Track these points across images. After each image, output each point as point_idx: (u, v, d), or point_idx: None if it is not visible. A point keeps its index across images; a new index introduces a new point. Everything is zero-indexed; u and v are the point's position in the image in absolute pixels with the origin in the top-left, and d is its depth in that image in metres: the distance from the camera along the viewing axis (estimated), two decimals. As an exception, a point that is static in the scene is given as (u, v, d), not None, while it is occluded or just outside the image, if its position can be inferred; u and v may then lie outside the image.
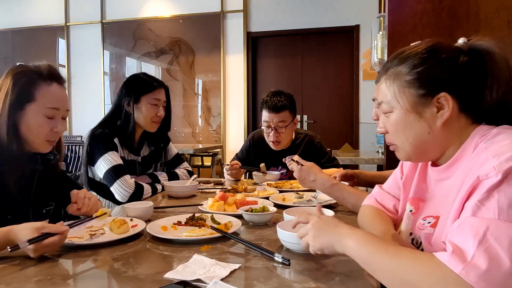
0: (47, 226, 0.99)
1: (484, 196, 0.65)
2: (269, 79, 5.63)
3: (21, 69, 1.23)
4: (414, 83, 0.83)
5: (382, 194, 1.13)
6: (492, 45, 0.81)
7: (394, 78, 0.86)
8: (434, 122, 0.83)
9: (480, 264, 0.60)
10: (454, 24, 2.48)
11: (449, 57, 0.82)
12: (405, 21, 2.52)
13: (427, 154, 0.88)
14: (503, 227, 0.61)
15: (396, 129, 0.88)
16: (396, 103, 0.86)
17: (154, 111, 1.89)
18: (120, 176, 1.73)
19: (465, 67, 0.81)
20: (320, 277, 0.85)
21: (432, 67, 0.82)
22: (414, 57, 0.84)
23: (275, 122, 2.18)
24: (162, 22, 5.84)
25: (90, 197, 1.32)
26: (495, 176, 0.65)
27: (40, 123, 1.21)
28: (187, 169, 2.16)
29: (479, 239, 0.61)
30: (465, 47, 0.84)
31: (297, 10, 5.36)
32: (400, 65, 0.86)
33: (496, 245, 0.60)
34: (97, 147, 1.79)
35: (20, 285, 0.83)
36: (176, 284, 0.82)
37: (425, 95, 0.82)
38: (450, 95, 0.80)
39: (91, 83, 6.04)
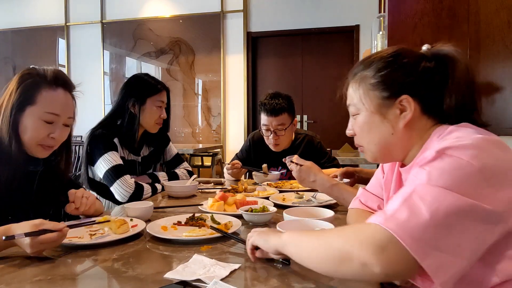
0: (46, 223, 0.98)
1: (417, 170, 0.72)
2: (269, 79, 5.63)
3: (28, 72, 1.23)
4: (378, 86, 0.88)
5: (367, 195, 1.15)
6: (453, 50, 0.86)
7: (360, 82, 0.91)
8: (397, 123, 0.87)
9: (400, 215, 0.65)
10: (454, 24, 2.48)
11: (411, 62, 0.86)
12: (405, 21, 2.52)
13: (391, 154, 0.92)
14: (429, 189, 0.66)
15: (362, 130, 0.93)
16: (361, 105, 0.91)
17: (159, 113, 1.91)
18: (120, 176, 1.73)
19: (427, 72, 0.86)
20: (320, 277, 0.85)
21: (395, 71, 0.86)
22: (379, 61, 0.89)
23: (274, 125, 2.18)
24: (162, 22, 5.85)
25: (88, 196, 1.31)
26: (429, 156, 0.71)
27: (36, 127, 1.20)
28: (187, 169, 2.16)
29: (405, 197, 0.67)
30: (429, 53, 0.88)
31: (297, 10, 5.36)
32: (365, 70, 0.90)
33: (419, 201, 0.65)
34: (97, 147, 1.79)
35: (20, 285, 0.83)
36: (176, 284, 0.82)
37: (388, 97, 0.87)
38: (412, 98, 0.85)
39: (91, 83, 6.04)
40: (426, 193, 0.65)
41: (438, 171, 0.68)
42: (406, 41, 2.53)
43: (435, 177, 0.67)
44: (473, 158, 0.68)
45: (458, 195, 0.64)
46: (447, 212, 0.63)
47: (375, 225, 0.67)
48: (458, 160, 0.68)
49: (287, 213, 1.25)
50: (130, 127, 1.88)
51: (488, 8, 2.44)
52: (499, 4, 2.42)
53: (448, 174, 0.67)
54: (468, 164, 0.67)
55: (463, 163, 0.68)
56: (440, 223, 0.63)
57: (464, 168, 0.67)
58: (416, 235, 0.62)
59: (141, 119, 1.89)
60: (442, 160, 0.69)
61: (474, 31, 2.47)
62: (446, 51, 0.87)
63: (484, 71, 2.48)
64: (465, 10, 2.47)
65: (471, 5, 2.46)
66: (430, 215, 0.63)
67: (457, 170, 0.67)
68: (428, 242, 0.62)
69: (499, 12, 2.43)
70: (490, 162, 0.69)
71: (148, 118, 1.90)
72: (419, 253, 0.62)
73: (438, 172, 0.68)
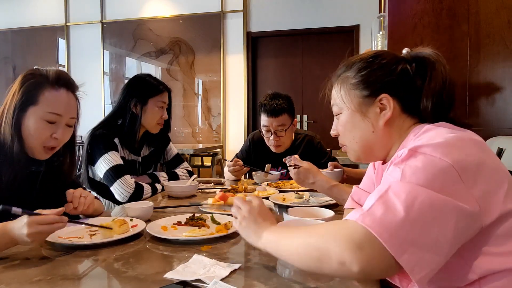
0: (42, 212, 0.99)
1: (392, 169, 0.73)
2: (269, 79, 5.63)
3: (31, 72, 1.23)
4: (358, 85, 0.91)
5: (359, 193, 1.17)
6: (432, 53, 0.89)
7: (342, 82, 0.95)
8: (377, 122, 0.90)
9: (376, 212, 0.66)
10: (454, 24, 2.48)
11: (390, 62, 0.90)
12: (405, 21, 2.52)
13: (373, 153, 0.95)
14: (402, 185, 0.67)
15: (345, 129, 0.96)
16: (343, 105, 0.94)
17: (160, 113, 1.92)
18: (120, 176, 1.73)
19: (405, 73, 0.89)
20: (320, 277, 0.85)
21: (374, 71, 0.90)
22: (359, 62, 0.93)
23: (275, 126, 2.17)
24: (162, 22, 5.85)
25: (86, 195, 1.30)
26: (403, 154, 0.73)
27: (38, 127, 1.21)
28: (187, 169, 2.17)
29: (380, 194, 0.68)
30: (408, 56, 0.92)
31: (297, 10, 5.36)
32: (347, 71, 0.94)
33: (394, 198, 0.66)
34: (97, 147, 1.79)
35: (20, 285, 0.83)
36: (176, 284, 0.82)
37: (368, 96, 0.90)
38: (391, 97, 0.88)
39: (91, 83, 6.04)
40: (400, 190, 0.67)
41: (411, 169, 0.69)
42: (406, 41, 2.53)
43: (409, 174, 0.69)
44: (445, 155, 0.69)
45: (431, 191, 0.66)
46: (422, 208, 0.64)
47: (352, 222, 0.67)
48: (431, 158, 0.70)
49: (287, 213, 1.25)
50: (131, 127, 1.88)
51: (488, 8, 2.44)
52: (499, 4, 2.42)
53: (421, 171, 0.68)
54: (440, 161, 0.69)
55: (435, 160, 0.69)
56: (415, 219, 0.64)
57: (436, 165, 0.69)
58: (392, 231, 0.63)
59: (142, 120, 1.89)
60: (416, 158, 0.71)
61: (474, 31, 2.47)
62: (424, 53, 0.90)
63: (484, 71, 2.48)
64: (465, 10, 2.47)
65: (471, 5, 2.46)
66: (405, 211, 0.64)
67: (430, 167, 0.69)
68: (404, 238, 0.63)
69: (499, 12, 2.43)
70: (462, 158, 0.70)
71: (150, 118, 1.90)
72: (396, 249, 0.63)
73: (412, 169, 0.69)
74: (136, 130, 1.89)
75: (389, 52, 0.94)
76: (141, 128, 1.93)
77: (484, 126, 2.46)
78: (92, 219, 1.31)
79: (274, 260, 0.97)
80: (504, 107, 2.47)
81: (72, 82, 1.30)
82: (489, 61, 2.47)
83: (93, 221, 1.28)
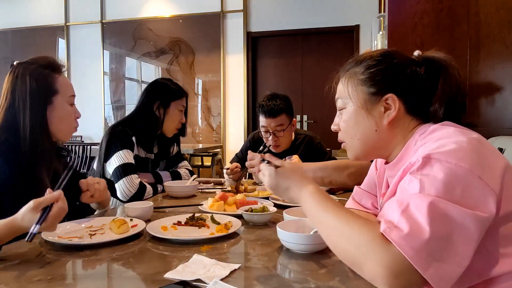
0: (41, 201, 0.97)
1: (409, 179, 0.72)
2: (269, 79, 5.63)
3: (34, 66, 1.25)
4: (366, 82, 0.90)
5: (360, 193, 1.16)
6: (444, 57, 0.88)
7: (350, 77, 0.94)
8: (381, 121, 0.89)
9: (403, 227, 0.65)
10: (454, 24, 2.48)
11: (400, 63, 0.89)
12: (405, 21, 2.52)
13: (374, 151, 0.94)
14: (424, 199, 0.66)
15: (347, 125, 0.94)
16: (349, 100, 0.93)
17: (180, 116, 2.01)
18: (128, 175, 1.75)
19: (414, 75, 0.88)
20: (320, 277, 0.85)
21: (384, 69, 0.89)
22: (369, 59, 0.92)
23: (273, 126, 2.17)
24: (162, 22, 5.84)
25: (99, 182, 1.37)
26: (417, 162, 0.72)
27: (68, 112, 1.30)
28: (187, 168, 2.19)
29: (403, 208, 0.67)
30: (419, 58, 0.91)
31: (297, 10, 5.36)
32: (356, 66, 0.93)
33: (416, 213, 0.66)
34: (114, 144, 1.83)
35: (20, 285, 0.83)
36: (176, 284, 0.82)
37: (375, 93, 0.89)
38: (397, 97, 0.87)
39: (91, 83, 6.04)
40: (421, 204, 0.66)
41: (429, 180, 0.69)
42: (406, 41, 2.53)
43: (428, 185, 0.68)
44: (461, 160, 0.69)
45: (452, 204, 0.65)
46: (445, 222, 0.65)
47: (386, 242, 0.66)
48: (447, 165, 0.69)
49: (287, 213, 1.25)
50: (152, 128, 1.96)
51: (488, 8, 2.44)
52: (499, 4, 2.42)
53: (439, 181, 0.68)
54: (457, 167, 0.68)
55: (452, 167, 0.69)
56: (440, 235, 0.64)
57: (454, 172, 0.68)
58: (418, 248, 0.63)
59: (164, 122, 1.97)
60: (432, 167, 0.70)
61: (474, 31, 2.47)
62: (437, 57, 0.89)
63: (484, 71, 2.48)
64: (465, 10, 2.47)
65: (471, 5, 2.46)
66: (430, 227, 0.64)
67: (448, 175, 0.68)
68: (429, 254, 0.63)
69: (499, 12, 2.43)
70: (479, 161, 0.70)
71: (170, 121, 1.99)
72: (421, 265, 0.63)
73: (430, 180, 0.69)
74: (156, 131, 1.97)
75: (400, 53, 0.93)
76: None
77: (484, 126, 2.46)
78: (93, 219, 1.31)
79: (274, 260, 0.97)
80: (504, 107, 2.47)
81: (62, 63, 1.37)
82: (489, 61, 2.47)
83: (94, 221, 1.28)
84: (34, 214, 0.96)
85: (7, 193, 1.15)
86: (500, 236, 0.72)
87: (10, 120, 1.20)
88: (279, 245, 1.06)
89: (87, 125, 5.55)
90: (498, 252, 0.72)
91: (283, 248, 1.05)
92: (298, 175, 0.90)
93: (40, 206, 0.97)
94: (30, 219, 0.96)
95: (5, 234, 0.99)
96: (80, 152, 5.07)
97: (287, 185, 0.91)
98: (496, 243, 0.72)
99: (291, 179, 0.90)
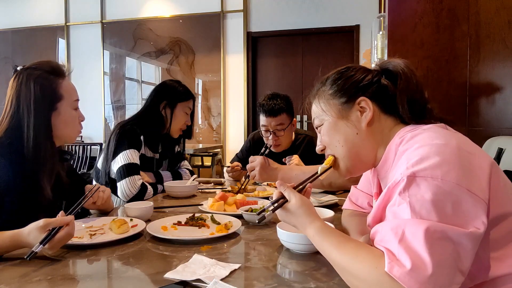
0: (51, 222, 0.98)
1: (398, 200, 0.71)
2: (269, 79, 5.63)
3: (38, 72, 1.25)
4: (336, 94, 0.95)
5: (356, 193, 1.19)
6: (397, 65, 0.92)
7: (319, 96, 0.99)
8: (360, 124, 0.92)
9: (405, 263, 0.65)
10: (454, 24, 2.48)
11: (361, 72, 0.95)
12: (405, 21, 2.52)
13: (361, 158, 0.95)
14: (417, 225, 0.66)
15: (329, 136, 0.97)
16: (325, 115, 0.97)
17: (185, 118, 2.03)
18: (131, 175, 1.75)
19: (377, 81, 0.93)
20: (320, 277, 0.85)
21: (348, 78, 0.95)
22: (332, 75, 0.98)
23: (273, 125, 2.18)
24: (162, 22, 5.84)
25: (104, 190, 1.39)
26: (402, 181, 0.72)
27: (73, 116, 1.30)
28: (188, 168, 2.19)
29: (399, 238, 0.67)
30: (378, 68, 0.96)
31: (297, 10, 5.35)
32: (323, 86, 0.99)
33: (414, 242, 0.65)
34: (122, 142, 1.83)
35: (20, 285, 0.83)
36: (176, 284, 0.82)
37: (347, 101, 0.93)
38: (369, 99, 0.91)
39: (91, 83, 6.04)
40: (417, 231, 0.66)
41: (419, 202, 0.68)
42: (406, 41, 2.53)
43: (418, 208, 0.68)
44: (447, 174, 0.69)
45: (447, 226, 0.65)
46: (443, 246, 0.65)
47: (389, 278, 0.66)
48: (433, 182, 0.69)
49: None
50: (157, 128, 1.98)
51: (488, 8, 2.44)
52: (499, 4, 2.42)
53: (429, 202, 0.68)
54: (444, 182, 0.68)
55: (439, 184, 0.68)
56: (441, 261, 0.64)
57: (442, 189, 0.68)
58: (423, 280, 0.63)
59: (170, 122, 1.98)
60: (418, 186, 0.70)
61: (474, 31, 2.47)
62: (390, 66, 0.94)
63: (484, 71, 2.48)
64: (465, 10, 2.47)
65: (471, 5, 2.46)
66: (431, 257, 0.64)
67: (436, 194, 0.68)
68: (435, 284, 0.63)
69: (499, 12, 2.43)
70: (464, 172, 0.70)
71: (176, 122, 2.00)
72: None
73: (419, 202, 0.68)
74: (161, 130, 1.98)
75: (360, 66, 0.99)
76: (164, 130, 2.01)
77: (484, 126, 2.46)
78: (93, 219, 1.31)
79: (274, 260, 0.97)
80: (504, 107, 2.47)
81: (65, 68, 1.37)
82: (489, 61, 2.47)
83: (94, 221, 1.28)
84: (41, 232, 0.96)
85: (9, 195, 1.15)
86: (491, 240, 0.73)
87: (15, 125, 1.20)
88: (279, 245, 1.07)
89: (87, 125, 5.53)
90: (489, 257, 0.73)
91: (283, 248, 1.05)
92: (304, 211, 0.90)
93: (49, 226, 0.97)
94: (36, 237, 0.96)
95: (8, 246, 0.99)
96: (80, 152, 5.07)
97: (293, 224, 0.92)
98: (487, 248, 0.73)
99: (297, 215, 0.90)
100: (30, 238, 0.97)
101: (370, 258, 0.70)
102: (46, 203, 1.21)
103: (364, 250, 0.73)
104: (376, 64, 0.98)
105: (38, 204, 1.19)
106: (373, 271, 0.68)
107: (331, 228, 0.86)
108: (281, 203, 0.93)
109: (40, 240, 0.95)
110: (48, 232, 0.96)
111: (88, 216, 1.44)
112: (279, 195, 0.96)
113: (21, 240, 0.98)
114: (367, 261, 0.71)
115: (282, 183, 0.97)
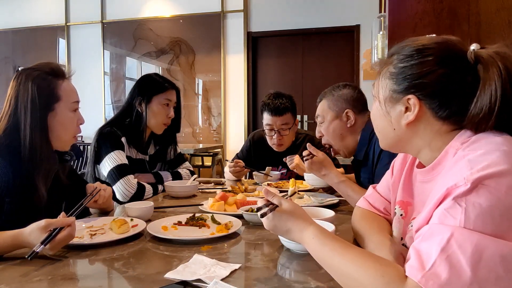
0: (53, 223, 0.98)
1: (451, 204, 0.65)
2: (270, 79, 5.63)
3: (37, 73, 1.25)
4: (392, 77, 0.84)
5: (375, 196, 1.13)
6: (491, 53, 0.75)
7: (385, 65, 0.87)
8: (399, 121, 0.84)
9: (441, 273, 0.60)
10: (454, 24, 2.48)
11: (434, 62, 0.78)
12: (405, 21, 2.52)
13: (396, 148, 0.91)
14: (467, 235, 0.61)
15: (374, 117, 0.92)
16: (377, 92, 0.89)
17: (165, 111, 1.92)
18: (124, 176, 1.73)
19: (447, 76, 0.77)
20: (320, 277, 0.85)
21: (411, 67, 0.80)
22: (408, 49, 0.83)
23: (278, 125, 2.17)
24: (162, 22, 5.84)
25: (105, 188, 1.39)
26: (464, 185, 0.65)
27: (70, 118, 1.29)
28: (188, 168, 2.17)
29: (443, 245, 0.61)
30: (471, 56, 0.77)
31: (297, 10, 5.35)
32: (395, 54, 0.86)
33: (458, 253, 0.60)
34: (104, 145, 1.80)
35: (20, 285, 0.83)
36: (176, 284, 0.82)
37: (397, 91, 0.83)
38: (419, 100, 0.79)
39: (91, 83, 6.04)
40: (465, 242, 0.60)
41: (475, 210, 0.63)
42: (407, 41, 2.52)
43: (473, 218, 0.62)
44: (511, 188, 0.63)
45: (500, 242, 0.61)
46: (491, 264, 0.60)
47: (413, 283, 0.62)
48: (496, 194, 0.63)
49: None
50: (137, 126, 1.90)
51: (489, 8, 2.44)
52: (499, 4, 2.42)
53: (487, 213, 0.62)
54: (507, 195, 0.63)
55: (501, 197, 0.63)
56: (484, 278, 0.59)
57: (502, 203, 0.63)
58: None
59: (148, 118, 1.89)
60: (478, 194, 0.63)
61: (475, 31, 2.46)
62: (483, 54, 0.76)
63: (484, 71, 2.48)
64: (466, 10, 2.47)
65: (471, 5, 2.46)
66: (472, 271, 0.59)
67: (495, 207, 0.62)
68: None
69: (499, 12, 2.42)
70: None
71: (154, 117, 1.90)
72: None
73: (476, 211, 0.62)
74: (142, 129, 1.90)
75: (441, 49, 0.79)
76: (148, 128, 1.94)
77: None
78: (93, 219, 1.31)
79: (274, 260, 0.97)
80: (505, 107, 2.46)
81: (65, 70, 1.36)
82: (489, 61, 2.46)
83: (95, 221, 1.28)
84: (42, 233, 0.97)
85: (8, 195, 1.15)
86: None
87: (14, 126, 1.20)
88: (279, 245, 1.06)
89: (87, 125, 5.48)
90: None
91: (284, 248, 1.05)
92: (297, 216, 0.88)
93: (50, 226, 0.98)
94: (37, 237, 0.96)
95: (10, 245, 1.00)
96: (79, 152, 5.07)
97: (287, 228, 0.88)
98: None
99: (291, 221, 0.88)
100: (31, 238, 0.97)
101: (377, 266, 0.68)
102: (42, 204, 1.20)
103: (369, 258, 0.71)
104: (473, 49, 0.78)
105: (34, 205, 1.19)
106: (379, 279, 0.66)
107: (331, 233, 0.84)
108: (272, 208, 0.89)
109: (41, 240, 0.95)
110: (49, 233, 0.97)
111: (88, 216, 1.44)
112: (265, 203, 0.92)
113: (22, 240, 0.99)
114: (373, 268, 0.68)
115: (268, 191, 0.94)
